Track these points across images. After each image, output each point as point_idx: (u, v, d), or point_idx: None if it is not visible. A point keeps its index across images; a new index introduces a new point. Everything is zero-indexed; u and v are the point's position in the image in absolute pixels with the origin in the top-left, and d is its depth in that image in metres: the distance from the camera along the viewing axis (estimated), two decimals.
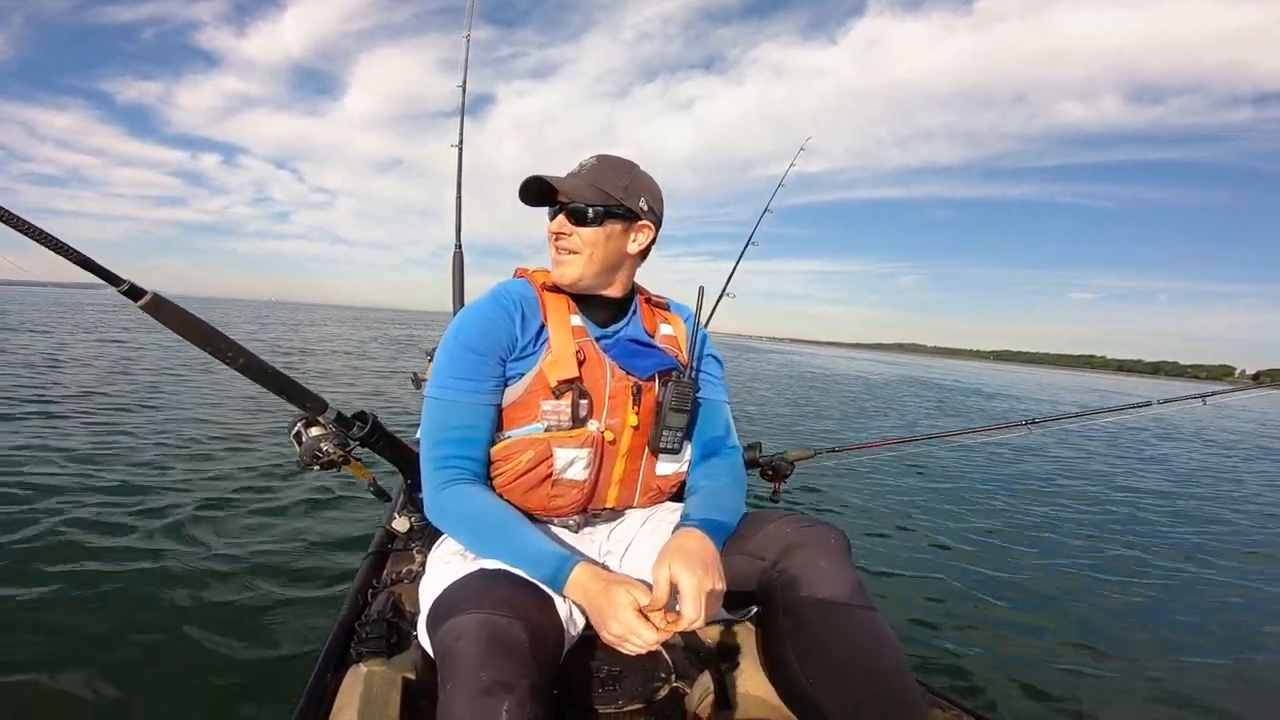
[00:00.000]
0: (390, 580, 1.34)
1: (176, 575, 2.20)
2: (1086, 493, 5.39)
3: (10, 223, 0.82)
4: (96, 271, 0.90)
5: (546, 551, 0.90)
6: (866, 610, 0.88)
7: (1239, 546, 4.11)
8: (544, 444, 1.00)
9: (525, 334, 1.03)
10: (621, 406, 1.05)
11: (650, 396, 1.08)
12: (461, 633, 0.76)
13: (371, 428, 1.31)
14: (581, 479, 1.04)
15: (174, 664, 1.71)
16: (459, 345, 1.02)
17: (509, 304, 1.05)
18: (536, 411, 1.01)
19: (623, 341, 1.10)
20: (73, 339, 10.86)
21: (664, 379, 1.08)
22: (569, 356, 1.02)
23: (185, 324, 1.03)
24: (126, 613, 1.93)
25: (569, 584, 0.87)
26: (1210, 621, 2.81)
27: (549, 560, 0.89)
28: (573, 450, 1.02)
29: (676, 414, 1.06)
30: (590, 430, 1.02)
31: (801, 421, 8.97)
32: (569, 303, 1.09)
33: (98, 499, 2.85)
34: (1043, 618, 2.68)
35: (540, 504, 1.05)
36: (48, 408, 4.78)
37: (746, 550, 0.98)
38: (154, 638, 1.81)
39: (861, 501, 4.28)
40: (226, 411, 5.34)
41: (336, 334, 20.20)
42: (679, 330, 1.18)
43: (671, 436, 1.07)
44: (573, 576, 0.87)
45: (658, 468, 1.11)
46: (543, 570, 0.89)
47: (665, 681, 1.02)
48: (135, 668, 1.68)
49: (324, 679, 0.99)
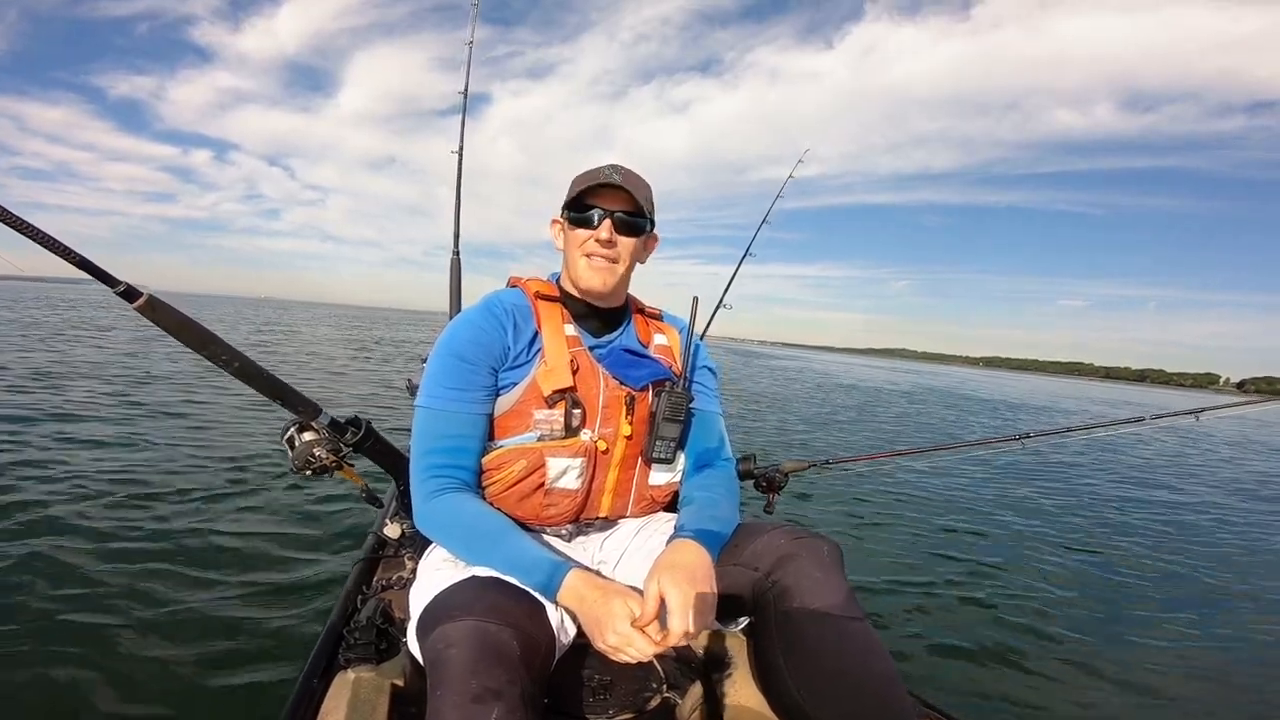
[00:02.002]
0: (381, 586, 1.33)
1: (164, 578, 2.18)
2: (1078, 504, 5.41)
3: (13, 224, 0.83)
4: (94, 273, 0.90)
5: (539, 558, 0.89)
6: (859, 621, 0.88)
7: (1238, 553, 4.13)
8: (536, 453, 1.00)
9: (518, 343, 1.03)
10: (615, 416, 1.05)
11: (644, 406, 1.08)
12: (452, 639, 0.75)
13: (365, 433, 1.31)
14: (574, 488, 1.04)
15: (161, 668, 1.69)
16: (450, 354, 1.02)
17: (500, 313, 1.05)
18: (529, 421, 1.01)
19: (616, 351, 1.10)
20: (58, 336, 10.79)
21: (657, 389, 1.08)
22: (563, 366, 1.02)
23: (180, 326, 1.03)
24: (113, 615, 1.91)
25: (563, 590, 0.86)
26: (1206, 631, 2.82)
27: (542, 566, 0.88)
28: (565, 460, 1.01)
29: (670, 424, 1.06)
30: (583, 440, 1.02)
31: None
32: (563, 312, 1.09)
33: (83, 503, 2.82)
34: (1036, 628, 2.68)
35: (533, 513, 1.05)
36: (31, 411, 4.74)
37: (740, 561, 0.98)
38: (141, 641, 1.79)
39: (856, 513, 4.28)
40: (217, 414, 5.31)
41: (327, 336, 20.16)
42: (673, 340, 1.18)
43: (665, 446, 1.07)
44: (567, 583, 0.86)
45: (651, 478, 1.11)
46: (536, 577, 0.87)
47: (657, 691, 1.01)
48: (122, 672, 1.66)
49: (311, 685, 0.98)
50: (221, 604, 2.06)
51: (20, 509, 2.64)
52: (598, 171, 1.06)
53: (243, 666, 1.74)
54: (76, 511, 2.67)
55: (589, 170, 1.09)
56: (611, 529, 1.14)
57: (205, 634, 1.86)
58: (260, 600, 2.12)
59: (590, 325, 1.11)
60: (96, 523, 2.58)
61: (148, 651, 1.75)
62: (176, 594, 2.08)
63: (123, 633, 1.82)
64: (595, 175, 1.05)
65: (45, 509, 2.66)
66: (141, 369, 7.56)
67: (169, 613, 1.96)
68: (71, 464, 3.37)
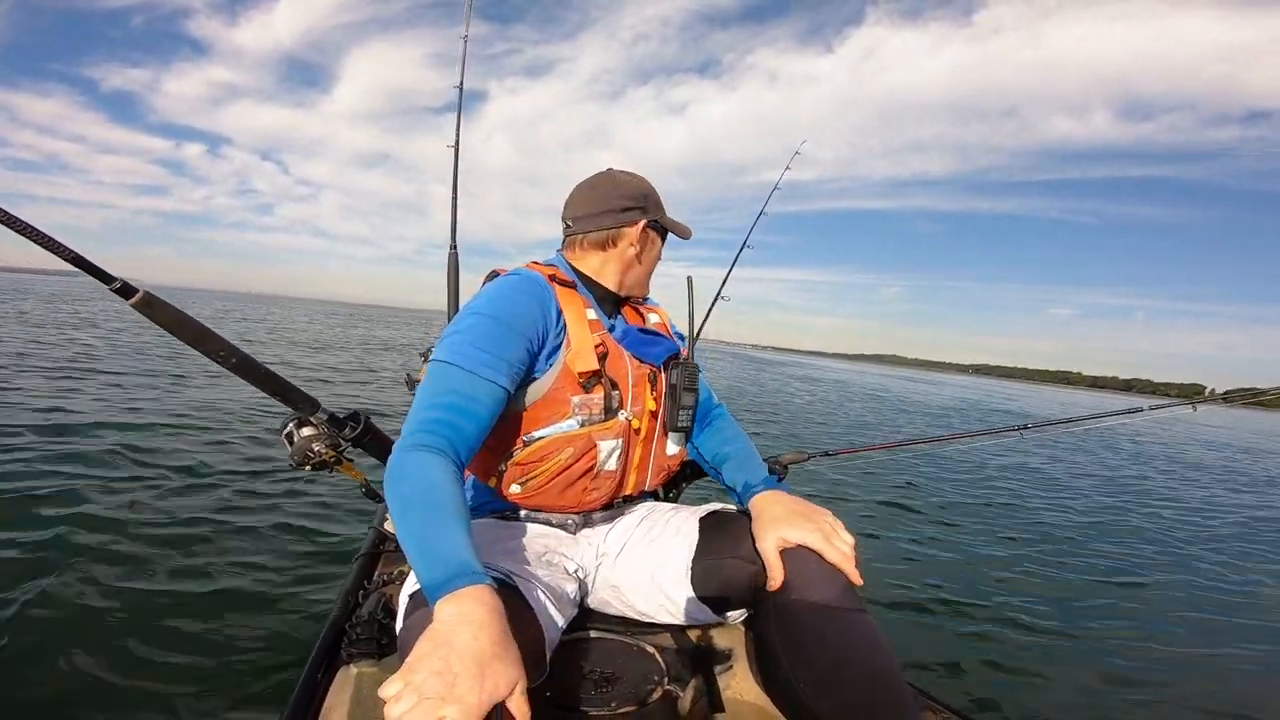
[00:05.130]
0: (381, 581, 1.33)
1: (163, 574, 2.18)
2: (1079, 496, 5.43)
3: (9, 224, 0.82)
4: (89, 269, 0.90)
5: (452, 556, 0.71)
6: (858, 613, 0.88)
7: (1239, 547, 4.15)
8: (585, 438, 1.01)
9: (552, 326, 1.02)
10: (642, 394, 1.09)
11: (661, 381, 1.12)
12: (415, 624, 0.74)
13: (364, 428, 1.31)
14: (614, 469, 1.07)
15: (161, 663, 1.70)
16: (489, 315, 0.96)
17: (541, 289, 1.03)
18: (567, 408, 1.00)
19: (632, 331, 1.14)
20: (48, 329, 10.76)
21: (670, 364, 1.14)
22: (589, 349, 1.02)
23: (177, 322, 1.03)
24: (111, 611, 1.91)
25: (451, 597, 0.66)
26: (1207, 622, 2.83)
27: (449, 564, 0.70)
28: (611, 442, 1.04)
29: (689, 393, 1.12)
30: (621, 420, 1.05)
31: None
32: (581, 296, 1.09)
33: (79, 493, 2.81)
34: (1036, 620, 2.69)
35: (575, 500, 1.06)
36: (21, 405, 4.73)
37: (740, 554, 0.98)
38: (140, 637, 1.79)
39: (855, 504, 4.29)
40: (215, 410, 5.30)
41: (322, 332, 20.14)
42: (664, 318, 1.26)
43: (686, 415, 1.13)
44: (463, 592, 0.67)
45: (667, 448, 1.16)
46: (433, 571, 0.70)
47: (658, 684, 1.01)
48: (121, 667, 1.66)
49: (314, 680, 0.98)
50: (222, 600, 2.06)
51: (16, 507, 2.63)
52: (684, 225, 1.21)
53: (244, 662, 1.74)
54: (74, 510, 2.67)
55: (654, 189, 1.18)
56: (615, 520, 1.15)
57: (205, 630, 1.87)
58: (261, 596, 2.12)
59: (606, 309, 1.14)
60: (93, 520, 2.57)
61: (146, 648, 1.75)
62: (175, 590, 2.08)
63: (120, 628, 1.82)
64: (684, 228, 1.20)
65: (38, 507, 2.66)
66: (137, 365, 7.55)
67: (168, 609, 1.96)
68: (64, 459, 3.37)
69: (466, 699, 0.57)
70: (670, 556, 1.03)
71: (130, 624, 1.85)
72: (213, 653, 1.76)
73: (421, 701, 0.56)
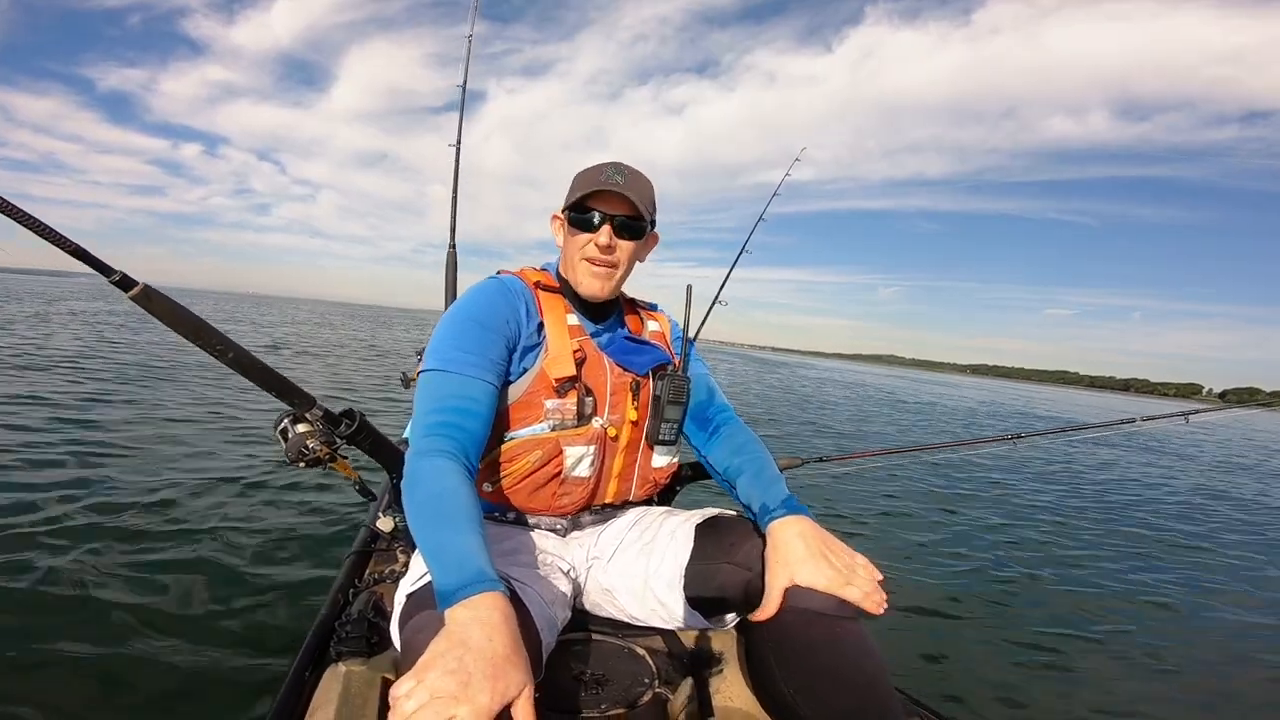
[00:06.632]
0: (372, 580, 1.32)
1: (152, 570, 2.16)
2: (1069, 504, 5.44)
3: (9, 213, 0.83)
4: (90, 262, 0.91)
5: (467, 562, 0.73)
6: (849, 620, 0.88)
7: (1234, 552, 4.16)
8: (553, 443, 1.01)
9: (528, 326, 1.03)
10: (622, 403, 1.07)
11: (647, 391, 1.10)
12: (423, 625, 0.73)
13: (359, 426, 1.30)
14: (587, 476, 1.06)
15: (149, 660, 1.68)
16: (467, 319, 0.99)
17: (515, 292, 1.05)
18: (540, 411, 1.01)
19: (618, 339, 1.12)
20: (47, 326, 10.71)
21: (658, 374, 1.11)
22: (566, 355, 1.02)
23: (175, 316, 1.03)
24: (99, 609, 1.89)
25: (466, 603, 0.68)
26: (1196, 632, 2.84)
27: (465, 570, 0.72)
28: (580, 448, 1.03)
29: (673, 406, 1.09)
30: (595, 427, 1.04)
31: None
32: (564, 302, 1.10)
33: (70, 491, 2.80)
34: (1026, 627, 2.70)
35: (545, 503, 1.06)
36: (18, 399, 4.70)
37: (734, 560, 0.98)
38: (129, 634, 1.78)
39: (847, 511, 4.29)
40: (208, 405, 5.28)
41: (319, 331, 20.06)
42: (664, 326, 1.22)
43: (669, 428, 1.10)
44: (475, 599, 0.68)
45: (654, 460, 1.14)
46: (449, 577, 0.72)
47: (649, 687, 1.01)
48: (110, 664, 1.64)
49: (302, 678, 0.98)
50: (211, 597, 2.05)
51: (14, 508, 2.62)
52: (599, 173, 1.04)
53: (233, 660, 1.73)
54: (55, 500, 2.66)
55: (591, 168, 1.08)
56: (607, 523, 1.14)
57: (194, 627, 1.85)
58: (251, 593, 2.10)
59: (590, 313, 1.12)
60: (80, 517, 2.56)
61: (135, 645, 1.73)
62: (164, 587, 2.06)
63: (110, 626, 1.81)
64: (597, 179, 1.03)
65: (35, 505, 2.64)
66: (129, 360, 7.51)
67: (156, 607, 1.94)
68: (58, 455, 3.35)
69: (479, 699, 0.58)
70: (664, 561, 1.03)
71: (118, 620, 1.84)
72: (201, 649, 1.75)
73: (434, 700, 0.57)
